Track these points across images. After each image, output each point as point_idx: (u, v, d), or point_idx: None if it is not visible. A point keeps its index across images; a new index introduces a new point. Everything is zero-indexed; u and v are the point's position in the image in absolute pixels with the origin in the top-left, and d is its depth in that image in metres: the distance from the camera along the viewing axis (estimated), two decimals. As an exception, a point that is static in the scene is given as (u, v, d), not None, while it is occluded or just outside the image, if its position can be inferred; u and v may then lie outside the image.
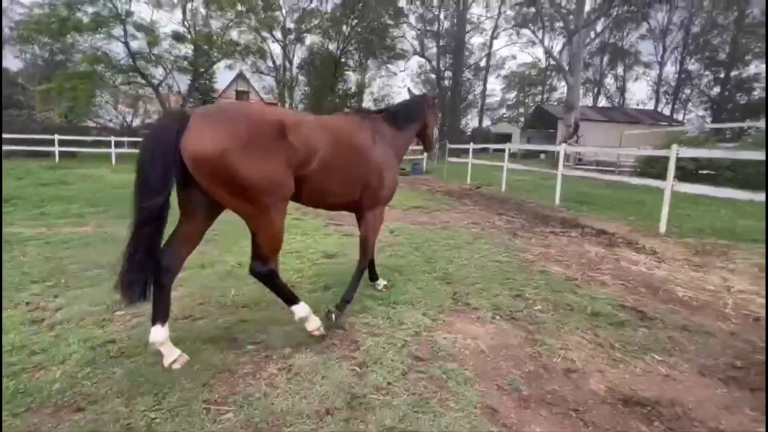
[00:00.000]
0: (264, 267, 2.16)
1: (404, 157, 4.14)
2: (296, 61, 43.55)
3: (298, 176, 2.14)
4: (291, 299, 2.28)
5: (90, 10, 17.44)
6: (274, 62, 43.87)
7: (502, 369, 2.16)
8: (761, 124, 20.81)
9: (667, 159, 5.30)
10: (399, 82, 56.41)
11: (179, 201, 2.06)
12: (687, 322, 2.78)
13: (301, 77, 44.95)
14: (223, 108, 2.05)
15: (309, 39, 42.93)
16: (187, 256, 2.15)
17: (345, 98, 44.06)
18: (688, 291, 3.45)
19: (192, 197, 2.03)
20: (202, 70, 23.45)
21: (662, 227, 5.55)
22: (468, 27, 34.02)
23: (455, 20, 32.38)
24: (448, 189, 11.36)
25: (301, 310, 2.28)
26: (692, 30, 28.89)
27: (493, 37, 34.72)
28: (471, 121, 51.31)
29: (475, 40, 37.62)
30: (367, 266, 2.90)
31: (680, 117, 31.35)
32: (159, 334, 2.00)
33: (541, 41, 23.58)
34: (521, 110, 53.42)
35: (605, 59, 39.87)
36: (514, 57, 42.94)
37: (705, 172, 10.74)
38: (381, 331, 2.50)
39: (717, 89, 28.54)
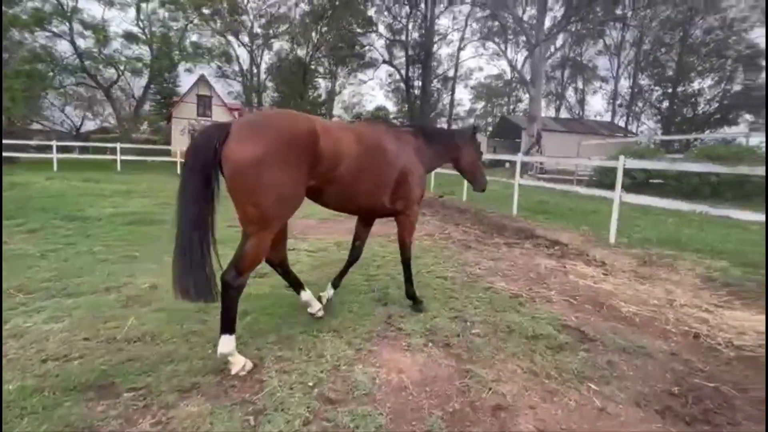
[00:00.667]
0: (236, 279, 2.07)
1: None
2: (264, 66, 42.86)
3: (325, 179, 2.27)
4: (230, 326, 2.09)
5: (30, 5, 16.23)
6: (241, 67, 42.96)
7: (423, 409, 1.90)
8: (705, 136, 22.25)
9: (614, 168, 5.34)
10: (369, 90, 57.24)
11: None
12: (627, 343, 2.65)
13: (269, 83, 44.18)
14: (261, 118, 2.19)
15: (277, 44, 42.38)
16: (283, 257, 2.60)
17: (315, 105, 43.68)
18: (631, 306, 3.36)
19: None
20: (158, 72, 22.31)
21: (612, 238, 5.56)
22: (436, 38, 34.58)
23: (423, 31, 32.84)
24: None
25: (226, 345, 2.07)
26: (643, 48, 30.76)
27: (460, 49, 35.46)
28: None
29: (444, 51, 38.25)
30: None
31: (634, 128, 33.20)
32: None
33: (504, 53, 24.25)
34: (489, 120, 54.84)
35: (566, 73, 41.65)
36: (481, 68, 43.84)
37: (656, 181, 11.15)
38: (294, 367, 2.18)
39: (666, 103, 30.47)
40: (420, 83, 35.58)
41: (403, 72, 36.22)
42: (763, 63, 20.94)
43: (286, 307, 2.92)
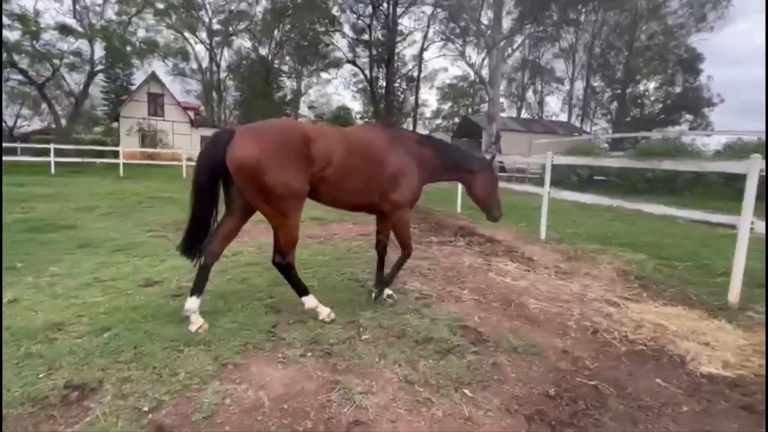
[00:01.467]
0: (284, 260, 2.60)
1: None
2: (224, 64, 41.46)
3: (318, 178, 2.52)
4: (302, 291, 2.73)
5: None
6: (199, 65, 41.36)
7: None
8: (653, 134, 23.47)
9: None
10: (335, 90, 56.77)
11: (225, 200, 2.54)
12: (521, 343, 2.56)
13: (229, 81, 42.80)
14: (261, 125, 2.53)
15: (238, 42, 41.12)
16: (226, 245, 2.69)
17: (280, 105, 42.64)
18: (541, 303, 3.31)
19: (233, 198, 2.53)
20: (107, 68, 20.91)
21: (542, 234, 5.60)
22: (399, 38, 34.62)
23: (386, 31, 32.80)
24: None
25: (310, 301, 2.72)
26: (594, 51, 32.24)
27: (423, 49, 35.68)
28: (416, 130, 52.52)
29: (409, 51, 38.22)
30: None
31: (588, 128, 34.73)
32: (193, 303, 2.50)
33: (463, 55, 24.60)
34: (456, 120, 55.74)
35: (526, 75, 42.99)
36: (446, 69, 44.37)
37: (599, 178, 11.54)
38: (136, 389, 1.92)
39: (615, 104, 32.09)
40: (392, 85, 35.58)
41: (367, 72, 36.02)
42: (701, 66, 22.54)
43: (160, 319, 2.63)
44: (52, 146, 14.57)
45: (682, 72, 27.39)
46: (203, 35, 38.42)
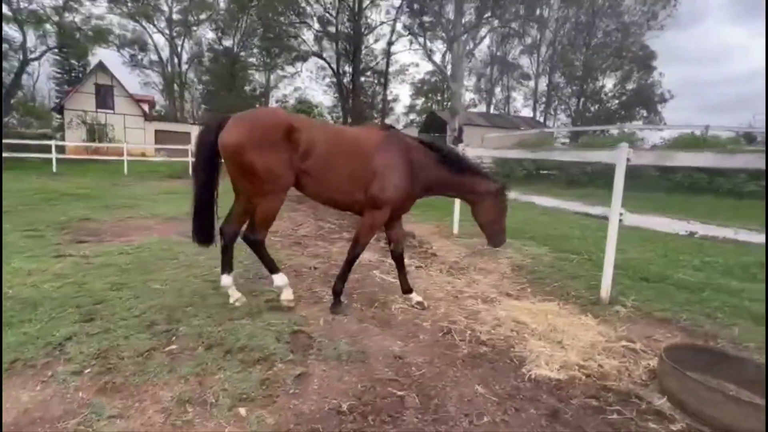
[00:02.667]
0: (254, 235, 2.71)
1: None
2: (185, 56, 39.86)
3: (301, 169, 2.61)
4: (272, 268, 2.84)
5: None
6: (160, 56, 39.55)
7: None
8: (611, 128, 24.04)
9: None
10: (303, 84, 55.56)
11: (232, 186, 2.75)
12: (351, 349, 2.33)
13: (191, 73, 41.22)
14: (252, 113, 2.69)
15: (200, 33, 39.57)
16: (239, 228, 2.88)
17: (246, 99, 41.35)
18: (405, 304, 3.10)
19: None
20: (34, 57, 19.48)
21: (455, 228, 5.45)
22: (365, 31, 34.16)
23: (351, 23, 32.27)
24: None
25: (279, 279, 2.84)
26: (556, 47, 32.83)
27: (390, 43, 35.31)
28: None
29: (379, 45, 37.69)
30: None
31: (552, 124, 35.50)
32: (227, 280, 2.88)
33: (424, 47, 24.42)
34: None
35: (494, 70, 43.36)
36: (417, 64, 44.13)
37: (544, 172, 11.60)
38: None
39: (575, 100, 32.89)
40: (358, 78, 35.04)
41: (334, 66, 35.41)
42: (654, 64, 23.27)
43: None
44: (-27, 140, 13.39)
45: (637, 69, 28.28)
46: (162, 25, 36.67)
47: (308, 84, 67.37)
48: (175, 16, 37.65)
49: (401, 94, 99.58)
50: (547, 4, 25.00)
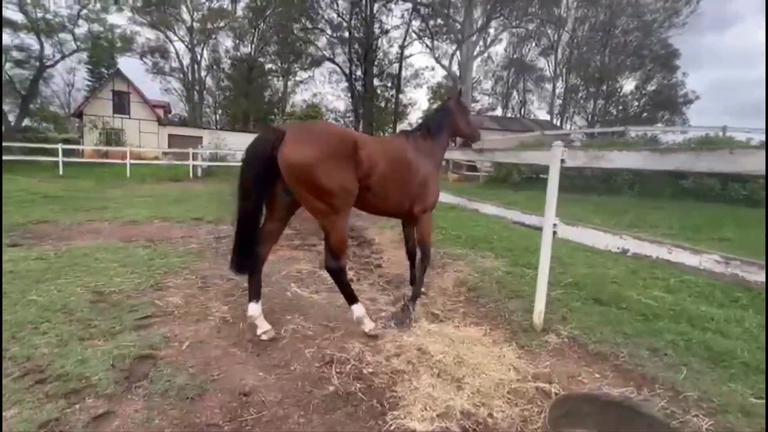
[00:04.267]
0: (337, 263, 2.49)
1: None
2: (204, 63, 40.87)
3: (363, 185, 2.51)
4: (352, 299, 2.61)
5: None
6: (180, 63, 40.74)
7: None
8: (626, 130, 22.78)
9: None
10: (316, 88, 56.38)
11: (266, 204, 2.52)
12: (192, 383, 1.97)
13: (209, 80, 42.24)
14: (311, 126, 2.54)
15: (218, 40, 40.49)
16: (270, 249, 2.71)
17: (264, 104, 42.04)
18: (306, 323, 2.72)
19: (276, 199, 2.51)
20: (50, 64, 20.23)
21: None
22: (379, 34, 34.04)
23: (363, 28, 32.23)
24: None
25: (358, 310, 2.60)
26: (574, 49, 31.57)
27: (402, 47, 35.02)
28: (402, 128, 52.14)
29: (393, 50, 37.45)
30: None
31: (569, 127, 34.09)
32: (254, 309, 2.52)
33: (432, 49, 23.94)
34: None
35: (511, 73, 42.35)
36: (432, 68, 43.58)
37: (544, 176, 10.92)
38: None
39: (592, 102, 31.43)
40: (370, 82, 34.94)
41: (347, 70, 35.44)
42: (677, 63, 21.85)
43: None
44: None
45: (659, 69, 26.69)
46: (182, 32, 37.73)
47: (323, 89, 68.02)
48: (195, 25, 38.77)
49: (419, 98, 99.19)
50: (561, 4, 24.03)
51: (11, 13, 18.21)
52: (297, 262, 4.18)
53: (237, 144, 24.22)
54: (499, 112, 42.82)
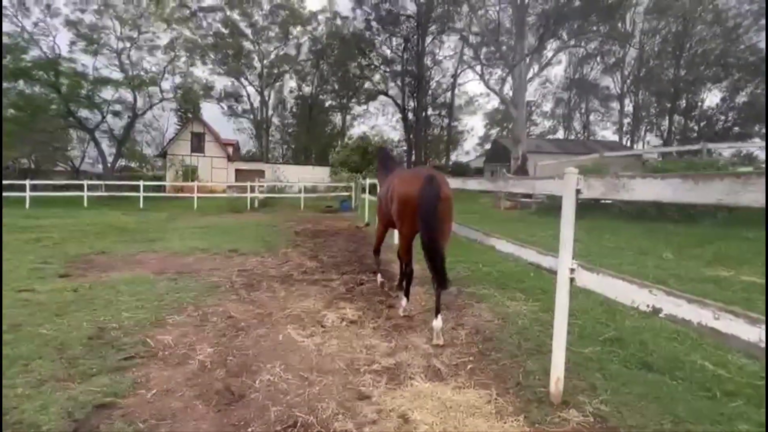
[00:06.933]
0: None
1: (333, 194, 6.24)
2: (271, 103, 44.66)
3: None
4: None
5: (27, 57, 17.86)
6: (251, 105, 45.02)
7: None
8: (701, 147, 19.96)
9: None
10: (374, 121, 58.53)
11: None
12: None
13: (275, 119, 45.91)
14: (437, 173, 3.32)
15: (282, 82, 44.22)
16: None
17: (328, 138, 44.68)
18: (287, 373, 2.48)
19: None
20: (141, 112, 23.55)
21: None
22: (431, 65, 34.69)
23: (414, 61, 33.08)
24: (336, 227, 10.54)
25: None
26: (643, 64, 29.01)
27: (455, 76, 35.22)
28: (460, 157, 51.96)
29: (446, 79, 37.88)
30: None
31: (640, 147, 30.75)
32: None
33: (482, 76, 23.57)
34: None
35: (573, 94, 40.22)
36: (488, 95, 43.13)
37: (607, 201, 9.84)
38: None
39: (667, 120, 28.10)
40: (421, 112, 35.47)
41: (400, 102, 36.36)
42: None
43: None
44: (85, 182, 16.31)
45: (749, 78, 23.16)
46: (252, 77, 41.85)
47: (377, 121, 70.53)
48: (264, 71, 42.89)
49: (475, 125, 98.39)
50: (625, 18, 22.50)
51: (113, 72, 21.99)
52: (306, 299, 3.99)
53: (294, 176, 25.67)
54: (560, 134, 40.61)
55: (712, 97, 27.18)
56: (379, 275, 4.58)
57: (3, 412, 2.00)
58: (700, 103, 26.31)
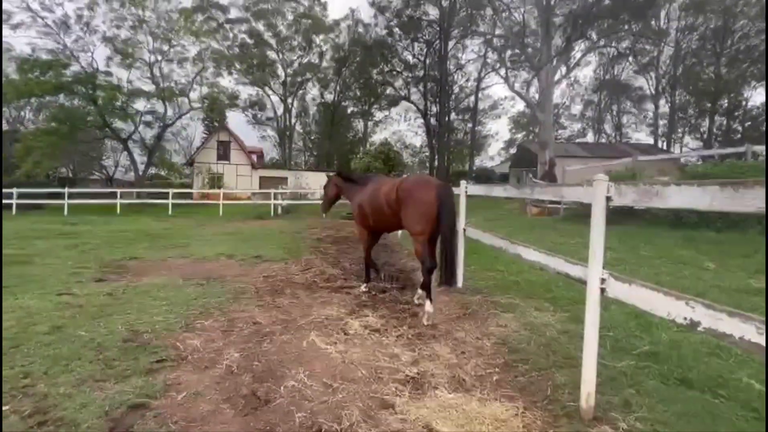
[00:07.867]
0: (430, 263, 3.67)
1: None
2: (294, 111, 45.64)
3: None
4: (429, 293, 3.61)
5: (68, 72, 19.10)
6: (275, 112, 46.20)
7: None
8: (742, 149, 18.81)
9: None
10: (396, 126, 58.70)
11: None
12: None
13: (297, 126, 46.85)
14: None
15: (305, 90, 45.17)
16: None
17: (350, 145, 45.18)
18: (312, 380, 2.50)
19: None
20: (170, 123, 24.64)
21: (459, 280, 4.52)
22: (454, 70, 34.50)
23: (437, 66, 33.01)
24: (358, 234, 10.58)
25: (427, 307, 3.57)
26: (680, 65, 27.71)
27: (478, 80, 34.87)
28: (484, 162, 51.48)
29: (470, 83, 37.61)
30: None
31: (678, 150, 29.25)
32: (429, 307, 3.56)
33: (505, 80, 23.20)
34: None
35: (603, 96, 38.98)
36: (513, 98, 42.43)
37: (640, 208, 9.42)
38: None
39: (707, 121, 26.59)
40: (444, 117, 35.33)
41: (421, 107, 36.32)
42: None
43: None
44: (118, 190, 17.15)
45: None
46: (277, 86, 42.94)
47: (399, 126, 70.76)
48: (288, 79, 44.02)
49: (500, 129, 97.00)
50: (659, 16, 21.66)
51: (145, 84, 23.26)
52: (329, 306, 4.03)
53: (317, 183, 26.03)
54: (590, 137, 39.38)
55: (756, 96, 25.64)
56: (376, 274, 4.98)
57: (46, 410, 2.11)
58: (743, 103, 24.83)
